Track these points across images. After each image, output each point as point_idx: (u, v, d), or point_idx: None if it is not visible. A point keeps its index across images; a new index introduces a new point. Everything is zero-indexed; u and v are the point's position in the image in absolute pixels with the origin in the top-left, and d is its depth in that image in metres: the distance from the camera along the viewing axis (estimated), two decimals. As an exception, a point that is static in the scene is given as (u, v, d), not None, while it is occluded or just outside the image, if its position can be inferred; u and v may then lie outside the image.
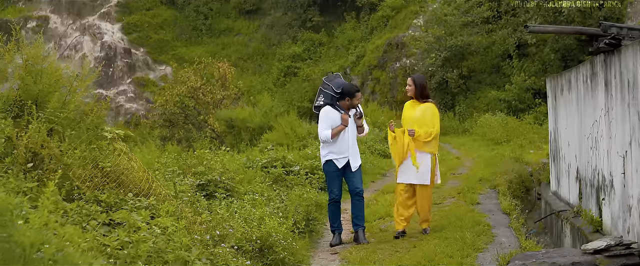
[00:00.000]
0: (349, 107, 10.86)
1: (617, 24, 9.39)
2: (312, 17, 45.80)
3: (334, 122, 10.69)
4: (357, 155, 10.92)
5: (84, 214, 6.59)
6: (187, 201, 9.21)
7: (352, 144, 10.82)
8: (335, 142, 10.72)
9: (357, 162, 10.89)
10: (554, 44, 28.88)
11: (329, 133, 10.62)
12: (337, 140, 10.72)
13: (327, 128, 10.66)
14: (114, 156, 8.20)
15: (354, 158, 10.84)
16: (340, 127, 10.68)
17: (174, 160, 14.28)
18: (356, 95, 10.82)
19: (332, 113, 10.73)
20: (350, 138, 10.80)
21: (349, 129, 10.77)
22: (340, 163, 10.76)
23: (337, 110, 10.75)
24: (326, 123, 10.69)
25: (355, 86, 11.20)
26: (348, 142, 10.77)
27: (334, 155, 10.76)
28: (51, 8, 48.92)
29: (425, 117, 10.94)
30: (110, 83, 43.74)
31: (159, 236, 6.51)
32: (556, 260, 8.18)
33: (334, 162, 10.76)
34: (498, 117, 27.41)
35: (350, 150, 10.79)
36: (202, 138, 29.79)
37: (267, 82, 43.47)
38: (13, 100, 8.15)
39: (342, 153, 10.75)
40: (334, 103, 10.81)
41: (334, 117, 10.72)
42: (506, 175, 16.27)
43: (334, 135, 10.63)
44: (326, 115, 10.72)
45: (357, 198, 10.81)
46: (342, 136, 10.74)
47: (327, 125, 10.68)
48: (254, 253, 8.61)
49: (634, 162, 8.24)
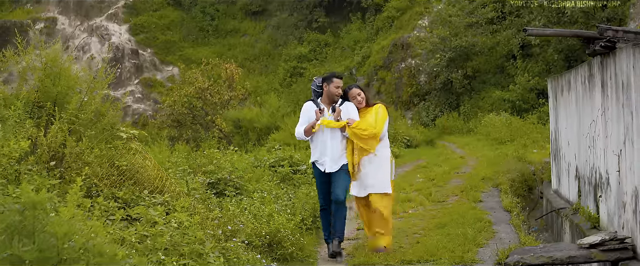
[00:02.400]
0: (331, 100, 9.77)
1: (614, 27, 9.69)
2: (318, 18, 46.15)
3: (310, 118, 9.73)
4: (337, 158, 9.63)
5: (103, 210, 6.97)
6: (199, 198, 9.59)
7: (330, 145, 9.63)
8: (313, 142, 9.76)
9: (336, 165, 9.62)
10: (557, 45, 29.16)
11: (301, 130, 9.71)
12: (315, 139, 9.73)
13: (303, 124, 9.76)
14: (130, 155, 8.58)
15: (331, 160, 9.61)
16: (313, 122, 9.59)
17: (184, 160, 14.63)
18: (333, 81, 9.73)
19: (309, 108, 9.83)
20: (327, 138, 9.64)
21: (325, 127, 9.64)
22: (322, 166, 9.69)
23: (317, 105, 9.77)
24: (302, 120, 9.82)
25: (335, 72, 10.17)
26: (325, 142, 9.65)
27: (315, 157, 9.78)
28: (59, 9, 49.34)
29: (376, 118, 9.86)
30: (118, 84, 44.08)
31: (175, 231, 6.89)
32: (553, 254, 8.53)
33: (317, 165, 9.77)
34: (502, 117, 27.68)
35: (327, 150, 9.62)
36: (209, 139, 30.13)
37: (273, 83, 43.81)
38: (33, 102, 8.52)
39: (321, 154, 9.70)
40: (315, 98, 9.91)
41: (310, 112, 9.79)
42: (509, 174, 16.57)
43: (306, 131, 9.63)
44: (304, 111, 9.88)
45: (335, 206, 9.58)
46: (318, 135, 9.69)
47: (303, 122, 9.79)
48: (264, 247, 8.99)
49: (628, 160, 8.57)
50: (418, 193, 14.86)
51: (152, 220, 6.98)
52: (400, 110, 35.20)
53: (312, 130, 9.57)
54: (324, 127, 9.58)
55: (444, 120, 32.05)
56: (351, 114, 9.70)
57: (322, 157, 9.65)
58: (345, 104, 9.77)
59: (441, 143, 27.82)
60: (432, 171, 18.96)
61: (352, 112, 9.73)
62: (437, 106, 33.82)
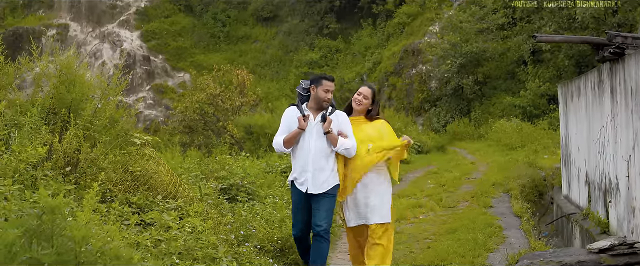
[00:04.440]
0: (318, 107, 7.91)
1: (623, 33, 9.76)
2: (329, 24, 46.30)
3: (291, 126, 7.86)
4: (323, 176, 7.74)
5: (118, 215, 7.08)
6: (212, 203, 9.69)
7: (315, 159, 7.75)
8: (294, 156, 7.91)
9: (320, 187, 7.72)
10: (568, 50, 29.18)
11: (280, 139, 7.84)
12: (296, 152, 7.86)
13: (283, 133, 7.89)
14: (143, 161, 8.69)
15: (315, 179, 7.72)
16: (294, 133, 7.76)
17: (196, 165, 14.72)
18: (322, 83, 7.84)
19: (291, 114, 7.95)
20: (311, 151, 7.76)
21: (311, 137, 7.80)
22: (304, 186, 7.77)
23: (301, 111, 7.90)
24: (283, 127, 7.94)
25: (325, 74, 8.07)
26: (309, 155, 7.77)
27: (294, 174, 7.89)
28: (71, 16, 49.63)
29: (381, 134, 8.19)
30: (129, 90, 44.27)
31: (189, 235, 7.00)
32: (562, 258, 8.58)
33: (296, 184, 7.85)
34: (513, 123, 27.74)
35: (309, 166, 7.74)
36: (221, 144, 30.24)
37: (284, 89, 43.94)
38: (48, 108, 8.64)
39: (303, 171, 7.79)
40: (299, 103, 8.04)
41: (292, 119, 7.90)
42: (519, 180, 16.61)
43: (286, 141, 7.77)
44: (285, 117, 7.99)
45: (316, 241, 7.73)
46: (301, 146, 7.83)
47: (283, 130, 7.91)
48: (276, 252, 9.08)
49: (637, 166, 8.63)
50: (429, 199, 14.95)
51: (166, 224, 7.10)
52: (411, 116, 35.28)
53: (292, 141, 7.78)
54: (308, 137, 7.77)
55: (454, 126, 32.10)
56: (342, 126, 7.88)
57: (303, 174, 7.77)
58: (335, 113, 7.92)
59: (452, 149, 27.87)
60: (443, 177, 19.03)
61: (343, 123, 7.91)
62: (447, 112, 33.88)
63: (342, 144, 7.72)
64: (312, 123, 7.78)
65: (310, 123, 7.79)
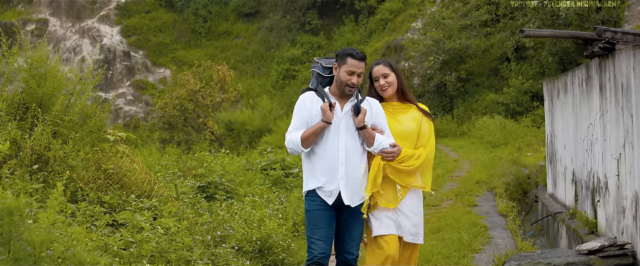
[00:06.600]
0: (341, 92, 5.98)
1: (612, 28, 9.54)
2: (311, 20, 46.02)
3: (311, 119, 5.92)
4: (357, 184, 5.93)
5: (88, 215, 6.75)
6: (188, 202, 9.38)
7: (348, 161, 5.89)
8: (315, 156, 5.95)
9: (357, 195, 5.92)
10: (551, 47, 29.06)
11: (297, 136, 5.88)
12: (318, 151, 5.93)
13: (299, 128, 5.95)
14: (117, 158, 8.36)
15: (349, 187, 5.88)
16: (317, 127, 5.85)
17: (174, 163, 14.42)
18: (347, 61, 5.85)
19: (310, 102, 5.98)
20: (342, 151, 5.89)
21: (340, 133, 5.92)
22: (330, 196, 5.88)
23: (322, 98, 5.96)
24: (298, 120, 5.98)
25: (354, 49, 5.95)
26: (338, 156, 5.89)
27: (315, 182, 5.93)
28: (50, 11, 49.14)
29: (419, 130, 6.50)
30: (109, 86, 43.88)
31: (162, 237, 6.67)
32: (551, 260, 8.33)
33: (318, 194, 5.91)
34: (496, 120, 27.60)
35: (342, 171, 5.88)
36: (201, 141, 29.98)
37: (266, 85, 43.65)
38: (18, 103, 8.29)
39: (331, 178, 5.88)
40: (319, 87, 6.07)
41: (312, 109, 5.94)
42: (503, 178, 16.44)
43: (305, 138, 5.85)
44: (300, 107, 6.01)
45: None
46: (326, 144, 5.92)
47: (299, 123, 5.96)
48: (254, 253, 8.76)
49: (628, 164, 8.39)
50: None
51: (139, 225, 6.76)
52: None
53: (314, 137, 5.85)
54: (335, 133, 5.91)
55: (437, 123, 31.90)
56: (377, 118, 6.05)
57: (332, 182, 5.86)
58: (367, 101, 6.07)
59: (435, 146, 27.62)
60: (426, 174, 18.77)
61: (378, 114, 6.07)
62: (430, 109, 33.59)
63: (380, 143, 5.93)
64: (340, 115, 5.93)
65: (337, 114, 5.92)
